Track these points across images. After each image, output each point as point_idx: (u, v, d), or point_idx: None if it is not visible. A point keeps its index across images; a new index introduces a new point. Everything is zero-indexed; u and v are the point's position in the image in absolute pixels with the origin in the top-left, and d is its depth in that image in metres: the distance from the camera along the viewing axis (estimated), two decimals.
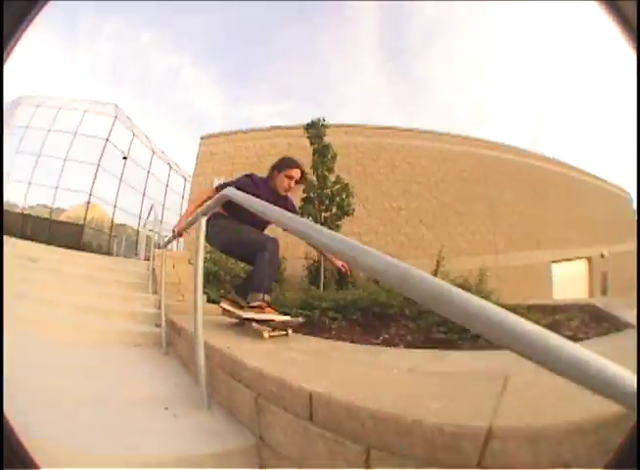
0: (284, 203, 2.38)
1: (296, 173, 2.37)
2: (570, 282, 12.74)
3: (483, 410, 0.81)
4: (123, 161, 12.59)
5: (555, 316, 2.65)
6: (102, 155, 10.90)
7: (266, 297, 2.12)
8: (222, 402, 1.45)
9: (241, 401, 1.31)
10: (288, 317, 2.12)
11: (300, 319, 2.21)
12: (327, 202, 6.12)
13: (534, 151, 13.14)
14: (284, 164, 2.39)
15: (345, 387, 1.07)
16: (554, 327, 2.20)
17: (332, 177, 6.29)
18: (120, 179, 11.97)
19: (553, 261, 12.15)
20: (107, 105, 11.54)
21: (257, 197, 1.63)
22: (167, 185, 13.63)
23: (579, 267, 13.70)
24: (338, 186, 6.24)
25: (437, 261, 5.83)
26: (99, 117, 11.39)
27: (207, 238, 2.23)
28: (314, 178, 6.12)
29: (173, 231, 2.38)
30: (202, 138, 9.79)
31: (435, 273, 5.36)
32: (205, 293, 2.91)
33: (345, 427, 0.89)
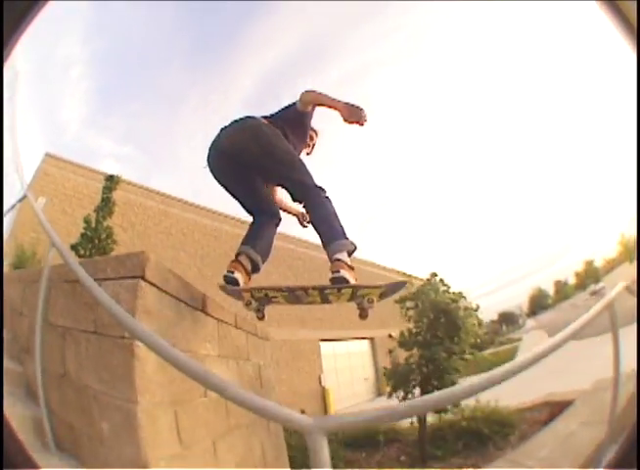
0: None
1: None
2: (345, 358, 15.20)
3: None
4: None
5: None
6: None
7: (352, 246, 1.72)
8: None
9: None
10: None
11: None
12: (96, 241, 7.81)
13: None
14: None
15: None
16: None
17: (105, 224, 7.86)
18: None
19: (322, 340, 14.08)
20: (11, 68, 9.79)
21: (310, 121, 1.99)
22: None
23: (359, 346, 16.10)
24: (107, 232, 7.85)
25: None
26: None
27: (254, 131, 1.88)
28: (93, 220, 7.75)
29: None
30: (46, 154, 9.33)
31: None
32: None
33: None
